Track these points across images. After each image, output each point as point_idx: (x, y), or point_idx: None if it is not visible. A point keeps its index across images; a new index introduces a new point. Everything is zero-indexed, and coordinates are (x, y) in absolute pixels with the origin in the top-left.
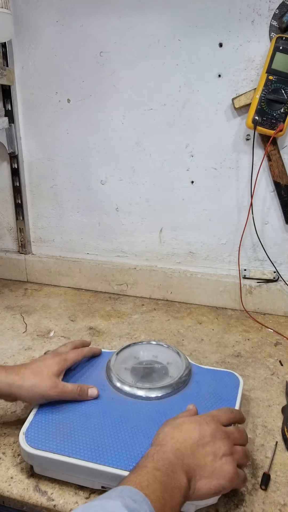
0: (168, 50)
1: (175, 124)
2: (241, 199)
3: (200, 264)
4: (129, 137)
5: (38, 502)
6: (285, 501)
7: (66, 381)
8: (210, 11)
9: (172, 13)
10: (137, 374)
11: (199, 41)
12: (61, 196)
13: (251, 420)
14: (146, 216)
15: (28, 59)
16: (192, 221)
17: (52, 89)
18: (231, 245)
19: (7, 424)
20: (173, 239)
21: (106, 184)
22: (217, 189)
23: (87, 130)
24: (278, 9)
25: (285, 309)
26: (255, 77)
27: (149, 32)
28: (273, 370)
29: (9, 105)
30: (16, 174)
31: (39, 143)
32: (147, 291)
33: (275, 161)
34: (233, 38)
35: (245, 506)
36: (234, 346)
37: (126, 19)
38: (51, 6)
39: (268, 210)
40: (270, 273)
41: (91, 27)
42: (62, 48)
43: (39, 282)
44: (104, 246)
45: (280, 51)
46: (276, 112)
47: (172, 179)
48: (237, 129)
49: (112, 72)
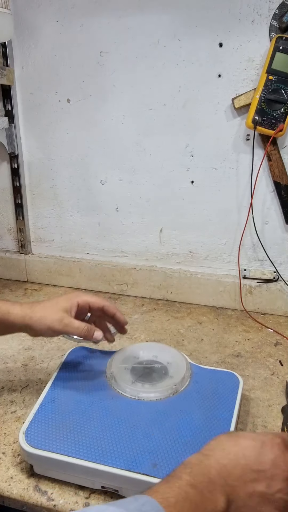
0: (168, 50)
1: (175, 124)
2: (241, 199)
3: (200, 264)
4: (129, 137)
5: (38, 502)
6: None
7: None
8: (210, 11)
9: (172, 13)
10: (137, 374)
11: (199, 41)
12: (61, 196)
13: (251, 420)
14: (146, 216)
15: (28, 59)
16: (192, 221)
17: (52, 89)
18: (231, 245)
19: (7, 424)
20: (173, 239)
21: (106, 184)
22: (217, 189)
23: (87, 130)
24: (278, 9)
25: (285, 309)
26: (255, 77)
27: (149, 32)
28: (273, 370)
29: (9, 105)
30: (16, 174)
31: (39, 143)
32: (147, 291)
33: (275, 161)
34: (233, 38)
35: None
36: (234, 346)
37: (126, 19)
38: (51, 6)
39: (268, 210)
40: (270, 273)
41: (91, 27)
42: (62, 48)
43: (39, 282)
44: (104, 246)
45: (280, 51)
46: (276, 112)
47: (172, 179)
48: (237, 129)
49: (112, 72)
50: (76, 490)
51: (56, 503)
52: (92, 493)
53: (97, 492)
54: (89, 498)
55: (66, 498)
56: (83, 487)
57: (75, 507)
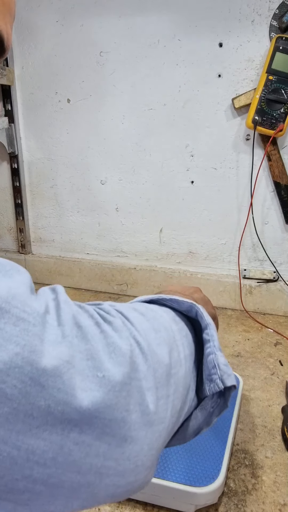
0: (168, 50)
1: (175, 124)
2: (241, 199)
3: (200, 264)
4: (129, 137)
5: None
6: (285, 501)
7: None
8: (210, 11)
9: (172, 13)
10: None
11: (199, 41)
12: (61, 196)
13: (251, 420)
14: (146, 216)
15: (28, 59)
16: (192, 221)
17: (52, 89)
18: (231, 245)
19: None
20: (173, 239)
21: (106, 184)
22: (217, 189)
23: (87, 130)
24: (278, 9)
25: (285, 309)
26: (255, 77)
27: (149, 32)
28: (273, 370)
29: (9, 105)
30: (16, 174)
31: (39, 143)
32: (147, 291)
33: (275, 161)
34: (233, 38)
35: (245, 506)
36: (234, 346)
37: (126, 19)
38: (51, 6)
39: (268, 210)
40: (270, 273)
41: (91, 27)
42: (62, 48)
43: (39, 282)
44: (104, 246)
45: (280, 51)
46: (276, 112)
47: (172, 179)
48: (237, 129)
49: (112, 72)
50: None
51: None
52: None
53: None
54: None
55: None
56: None
57: None
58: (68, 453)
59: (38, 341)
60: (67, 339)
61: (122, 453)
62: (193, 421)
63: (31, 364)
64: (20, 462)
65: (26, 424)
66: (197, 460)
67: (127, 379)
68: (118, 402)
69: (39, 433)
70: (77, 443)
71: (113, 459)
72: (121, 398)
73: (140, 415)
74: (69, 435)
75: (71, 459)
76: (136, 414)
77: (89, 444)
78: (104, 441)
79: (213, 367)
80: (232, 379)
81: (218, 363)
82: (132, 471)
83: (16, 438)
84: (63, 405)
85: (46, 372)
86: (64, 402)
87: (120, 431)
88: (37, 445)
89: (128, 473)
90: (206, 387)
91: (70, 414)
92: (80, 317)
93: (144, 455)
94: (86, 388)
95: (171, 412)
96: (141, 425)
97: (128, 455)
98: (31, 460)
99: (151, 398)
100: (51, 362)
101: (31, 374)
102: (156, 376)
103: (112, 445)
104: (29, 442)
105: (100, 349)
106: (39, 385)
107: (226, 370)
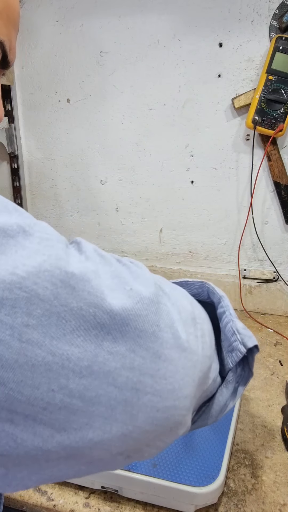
0: (168, 50)
1: (175, 124)
2: (241, 199)
3: (200, 264)
4: (129, 137)
5: (38, 502)
6: (285, 501)
7: None
8: (210, 11)
9: (172, 13)
10: None
11: (199, 41)
12: (61, 196)
13: (251, 420)
14: (146, 216)
15: (28, 59)
16: (192, 221)
17: (52, 89)
18: (231, 245)
19: None
20: (173, 239)
21: (106, 184)
22: (217, 189)
23: (87, 130)
24: (278, 9)
25: (285, 309)
26: (255, 77)
27: (149, 32)
28: (273, 370)
29: (9, 105)
30: (16, 174)
31: (39, 143)
32: None
33: (275, 161)
34: (233, 38)
35: (245, 506)
36: None
37: (126, 19)
38: (51, 6)
39: (268, 210)
40: (270, 273)
41: (91, 27)
42: (62, 48)
43: None
44: (104, 246)
45: (280, 51)
46: (276, 112)
47: (172, 179)
48: (237, 129)
49: (112, 72)
50: (76, 490)
51: (56, 503)
52: (92, 493)
53: (97, 492)
54: (89, 498)
55: (66, 498)
56: (83, 487)
57: (75, 507)
58: (103, 362)
59: (64, 254)
60: (91, 260)
61: (157, 369)
62: (219, 398)
63: (59, 268)
64: (56, 368)
65: (60, 328)
66: (197, 460)
67: (154, 298)
68: (148, 314)
69: (73, 339)
70: (111, 352)
71: (149, 375)
72: (150, 312)
73: (172, 336)
74: (102, 343)
75: (106, 368)
76: (167, 334)
77: (123, 355)
78: (138, 354)
79: (233, 334)
80: (254, 340)
81: (237, 328)
82: (170, 393)
83: (50, 342)
84: (94, 307)
85: (75, 275)
86: (95, 305)
87: (152, 345)
88: (71, 351)
89: (166, 393)
90: (229, 360)
91: (102, 318)
92: (102, 251)
93: (180, 378)
94: (115, 296)
95: (202, 352)
96: (173, 346)
97: (164, 373)
98: (66, 367)
99: (181, 327)
100: (79, 269)
101: (61, 277)
102: (182, 316)
103: (147, 359)
104: (64, 347)
105: (125, 272)
106: (69, 286)
107: (246, 333)
